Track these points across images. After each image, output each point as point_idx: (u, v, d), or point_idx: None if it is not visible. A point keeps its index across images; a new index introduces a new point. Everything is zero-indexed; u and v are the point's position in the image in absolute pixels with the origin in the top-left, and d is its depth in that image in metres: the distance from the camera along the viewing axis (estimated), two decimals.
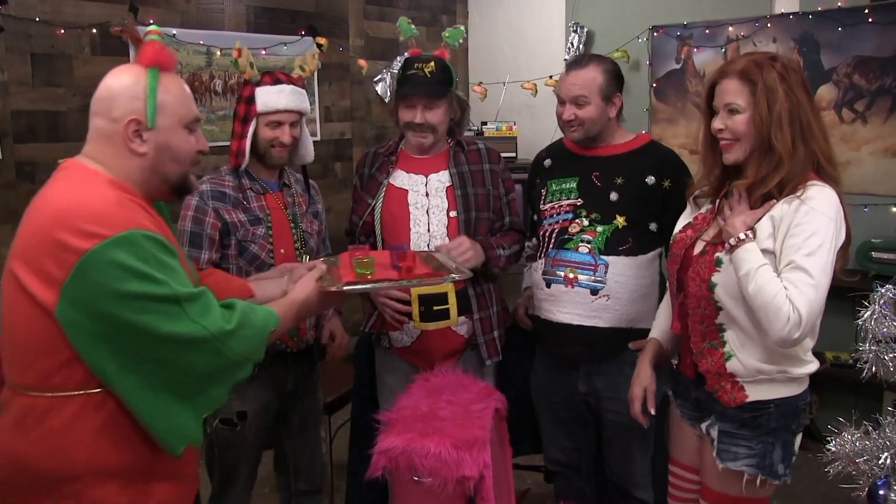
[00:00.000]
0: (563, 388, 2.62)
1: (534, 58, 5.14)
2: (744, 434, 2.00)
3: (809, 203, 1.86)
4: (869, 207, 3.86)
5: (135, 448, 1.62)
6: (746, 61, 1.98)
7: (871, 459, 2.18)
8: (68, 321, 1.51)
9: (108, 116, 1.64)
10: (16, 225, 1.65)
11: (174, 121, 1.67)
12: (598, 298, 2.45)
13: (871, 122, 3.88)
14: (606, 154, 2.54)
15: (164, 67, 1.68)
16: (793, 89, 1.92)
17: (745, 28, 4.20)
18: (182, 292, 1.54)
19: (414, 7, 5.25)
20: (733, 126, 1.97)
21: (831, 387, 3.95)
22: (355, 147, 4.91)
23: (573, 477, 2.74)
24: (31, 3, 3.42)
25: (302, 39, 4.46)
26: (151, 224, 1.59)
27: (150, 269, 1.51)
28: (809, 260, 1.83)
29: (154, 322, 1.51)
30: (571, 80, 2.47)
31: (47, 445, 1.56)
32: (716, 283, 1.96)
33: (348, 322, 4.98)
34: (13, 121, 3.41)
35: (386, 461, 2.01)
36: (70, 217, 1.52)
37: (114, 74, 1.67)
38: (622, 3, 4.72)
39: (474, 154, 2.67)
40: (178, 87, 1.70)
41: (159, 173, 1.68)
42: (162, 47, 1.68)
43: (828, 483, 2.18)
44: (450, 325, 2.58)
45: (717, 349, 2.01)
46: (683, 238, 2.13)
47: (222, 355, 1.60)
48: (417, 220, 2.56)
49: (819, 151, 1.94)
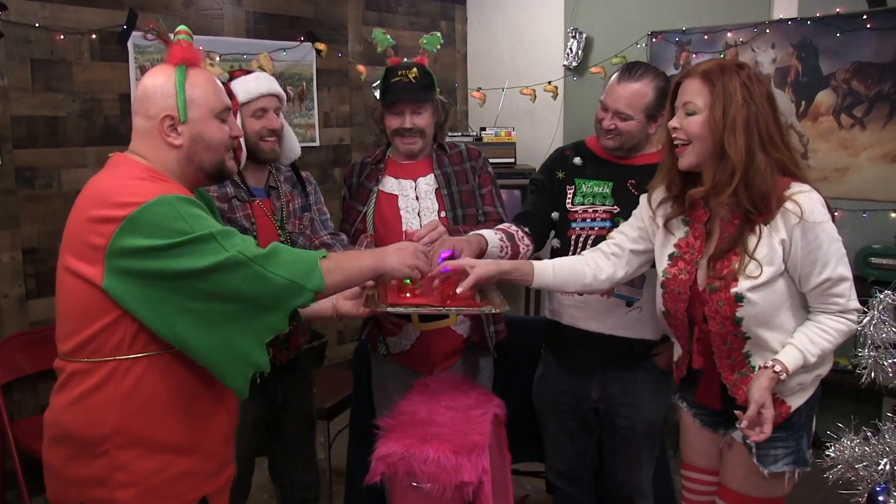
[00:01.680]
0: (573, 396, 2.58)
1: (533, 63, 5.15)
2: (780, 436, 2.02)
3: (811, 218, 1.88)
4: (868, 213, 3.86)
5: (159, 417, 1.73)
6: (712, 63, 1.97)
7: (870, 465, 2.17)
8: (117, 287, 1.64)
9: (145, 114, 1.78)
10: (15, 230, 1.68)
11: (204, 112, 1.80)
12: (632, 310, 2.43)
13: (869, 128, 3.88)
14: (643, 163, 2.45)
15: (191, 64, 1.80)
16: (754, 98, 1.90)
17: (743, 34, 4.21)
18: (216, 228, 1.66)
19: (413, 13, 5.26)
20: (687, 126, 1.96)
21: (830, 392, 3.92)
22: (354, 152, 4.91)
23: (573, 490, 2.72)
24: (30, 8, 3.43)
25: (301, 45, 4.47)
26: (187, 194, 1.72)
27: (183, 223, 1.63)
28: (840, 268, 1.92)
29: (193, 261, 1.62)
30: (620, 91, 2.36)
31: (80, 406, 1.71)
32: (742, 317, 1.95)
33: (347, 327, 4.99)
34: (13, 126, 3.42)
35: (385, 467, 2.00)
36: (105, 195, 1.67)
37: (148, 75, 1.80)
38: (621, 9, 4.73)
39: (457, 156, 2.70)
40: (205, 81, 1.82)
41: (195, 162, 1.81)
42: (188, 45, 1.80)
43: (827, 489, 2.17)
44: (449, 325, 2.58)
45: (748, 377, 2.00)
46: (678, 273, 2.08)
47: (265, 279, 1.66)
48: (409, 223, 2.58)
49: (785, 160, 1.94)
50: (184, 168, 1.81)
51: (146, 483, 1.73)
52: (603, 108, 2.43)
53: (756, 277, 1.92)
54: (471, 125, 5.49)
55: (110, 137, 3.70)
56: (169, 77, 1.78)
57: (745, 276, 1.93)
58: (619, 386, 2.51)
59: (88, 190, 1.74)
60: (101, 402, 1.70)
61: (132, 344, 1.69)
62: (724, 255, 1.97)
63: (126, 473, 1.71)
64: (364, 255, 1.90)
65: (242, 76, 2.46)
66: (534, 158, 4.96)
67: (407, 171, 2.65)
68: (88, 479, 1.72)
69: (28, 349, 3.43)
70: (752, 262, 1.93)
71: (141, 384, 1.70)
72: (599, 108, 2.45)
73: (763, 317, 1.95)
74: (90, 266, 1.66)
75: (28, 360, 3.41)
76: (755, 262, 1.92)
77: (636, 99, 2.35)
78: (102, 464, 1.71)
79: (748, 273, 1.93)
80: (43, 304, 3.54)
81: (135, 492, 1.72)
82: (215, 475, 1.87)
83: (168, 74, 1.78)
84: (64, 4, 3.53)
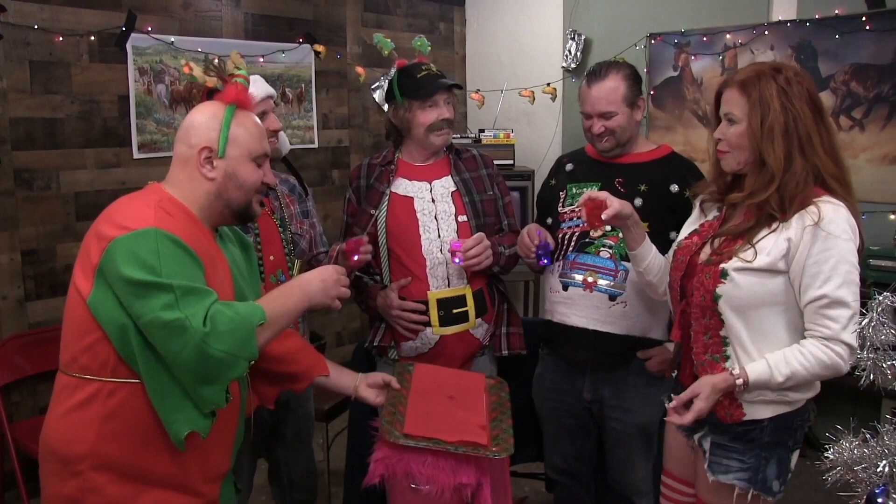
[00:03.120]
0: (569, 395, 2.61)
1: (531, 65, 5.16)
2: (736, 447, 1.99)
3: (827, 228, 1.85)
4: (866, 215, 3.84)
5: (136, 446, 1.72)
6: (749, 71, 1.98)
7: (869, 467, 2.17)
8: (96, 304, 1.67)
9: (187, 143, 1.83)
10: (14, 231, 1.71)
11: (243, 153, 1.84)
12: (615, 304, 2.45)
13: (868, 130, 3.88)
14: (630, 161, 2.54)
15: (241, 106, 1.87)
16: (793, 102, 1.91)
17: (742, 35, 4.21)
18: (182, 283, 1.63)
19: (411, 15, 5.26)
20: (729, 136, 1.99)
21: (829, 394, 3.92)
22: (353, 154, 4.91)
23: (573, 486, 2.74)
24: (29, 10, 3.43)
25: (300, 47, 4.47)
26: (183, 233, 1.71)
27: (156, 262, 1.63)
28: (843, 291, 1.86)
29: (144, 309, 1.62)
30: (595, 94, 2.46)
31: (64, 421, 1.74)
32: (720, 294, 1.95)
33: (346, 329, 4.99)
34: (11, 128, 3.41)
35: (383, 468, 2.00)
36: (113, 214, 1.74)
37: (199, 108, 1.87)
38: (620, 11, 4.73)
39: (471, 161, 2.70)
40: (251, 124, 1.88)
41: (223, 199, 1.85)
42: (243, 88, 1.89)
43: (825, 491, 2.17)
44: (468, 329, 2.58)
45: (718, 363, 2.00)
46: (689, 244, 2.12)
47: (205, 354, 1.62)
48: (427, 226, 2.56)
49: (822, 168, 1.92)
50: (212, 202, 1.84)
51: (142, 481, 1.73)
52: (587, 117, 2.51)
53: (748, 262, 1.91)
54: (470, 127, 5.49)
55: (109, 139, 3.70)
56: (217, 113, 1.84)
57: (739, 257, 1.94)
58: (610, 389, 2.53)
59: (109, 206, 1.79)
60: (82, 421, 1.71)
61: (116, 368, 1.70)
62: (731, 238, 1.99)
63: (98, 496, 1.72)
64: (291, 297, 1.85)
65: None
66: (532, 160, 4.97)
67: (421, 172, 2.63)
68: (63, 498, 1.74)
69: (27, 350, 3.43)
70: (751, 249, 1.93)
71: (122, 409, 1.71)
72: (583, 118, 2.53)
73: (741, 304, 1.93)
74: (85, 280, 1.70)
75: (27, 361, 3.40)
76: (753, 249, 1.93)
77: (612, 94, 2.45)
78: (76, 484, 1.72)
79: (743, 256, 1.93)
80: (42, 305, 3.54)
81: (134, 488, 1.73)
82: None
83: (216, 109, 1.84)
84: (63, 6, 3.52)
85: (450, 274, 2.54)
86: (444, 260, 2.54)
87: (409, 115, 2.56)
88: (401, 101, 2.56)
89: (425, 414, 2.11)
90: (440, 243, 2.55)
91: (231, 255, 1.95)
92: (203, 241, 1.81)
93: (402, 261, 2.57)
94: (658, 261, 2.27)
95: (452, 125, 2.60)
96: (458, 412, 2.13)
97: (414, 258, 2.55)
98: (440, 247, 2.54)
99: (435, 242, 2.55)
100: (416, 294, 2.54)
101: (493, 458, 2.01)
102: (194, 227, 1.80)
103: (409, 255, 2.55)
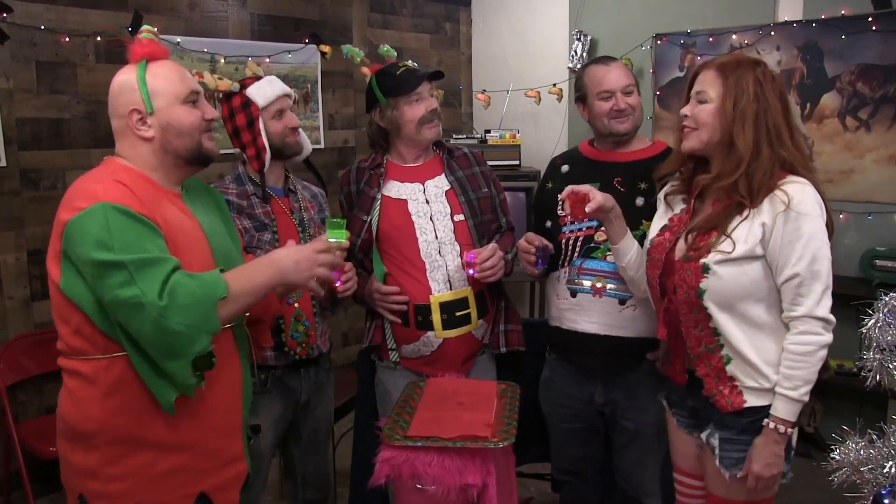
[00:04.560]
0: (578, 401, 2.59)
1: (537, 66, 5.15)
2: (745, 439, 1.99)
3: (797, 208, 1.88)
4: (872, 215, 3.86)
5: (141, 415, 1.76)
6: (729, 57, 2.04)
7: (875, 468, 2.16)
8: (68, 288, 1.71)
9: (116, 114, 1.84)
10: (20, 231, 1.73)
11: (170, 100, 1.83)
12: (625, 308, 2.43)
13: (874, 130, 3.87)
14: (627, 160, 2.51)
15: (151, 58, 1.85)
16: (766, 94, 1.95)
17: (748, 36, 4.20)
18: (132, 257, 1.63)
19: (417, 15, 5.26)
20: (697, 114, 2.02)
21: (835, 395, 3.94)
22: (359, 154, 4.91)
23: (580, 486, 2.73)
24: (36, 11, 3.44)
25: (306, 47, 4.48)
26: (140, 200, 1.72)
27: (107, 236, 1.64)
28: (815, 267, 1.89)
29: (105, 287, 1.64)
30: (615, 71, 2.48)
31: (72, 401, 1.79)
32: (704, 289, 1.96)
33: (351, 330, 4.99)
34: (18, 128, 3.42)
35: (389, 469, 2.00)
36: (69, 198, 1.74)
37: (115, 77, 1.87)
38: (626, 11, 4.73)
39: (463, 159, 2.68)
40: (167, 70, 1.85)
41: (170, 151, 1.84)
42: (149, 41, 1.86)
43: (831, 492, 2.17)
44: (471, 331, 2.56)
45: (714, 353, 2.01)
46: (662, 241, 2.12)
47: (164, 328, 1.62)
48: (423, 228, 2.53)
49: (790, 157, 1.95)
50: (161, 159, 1.84)
51: (137, 477, 1.76)
52: (606, 97, 2.47)
53: (728, 253, 1.93)
54: (475, 127, 5.49)
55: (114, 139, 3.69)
56: (131, 74, 1.83)
57: (717, 250, 1.95)
58: (622, 390, 2.52)
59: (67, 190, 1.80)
60: (86, 400, 1.76)
61: (106, 344, 1.73)
62: (704, 231, 2.00)
63: (117, 467, 1.76)
64: (259, 273, 1.81)
65: (255, 82, 2.50)
66: (538, 161, 4.96)
67: (413, 174, 2.60)
68: (85, 470, 1.78)
69: (33, 350, 3.44)
70: (728, 240, 1.94)
71: (122, 383, 1.74)
72: (599, 103, 2.48)
73: (726, 296, 1.95)
74: (55, 267, 1.74)
75: (33, 361, 3.41)
76: (730, 240, 1.94)
77: (628, 72, 2.50)
78: (96, 456, 1.76)
79: (721, 248, 1.94)
80: (48, 305, 3.48)
81: (127, 485, 1.76)
82: (216, 471, 1.88)
83: (130, 71, 1.84)
84: (69, 6, 3.53)
85: (451, 276, 2.52)
86: (443, 262, 2.51)
87: (396, 113, 2.52)
88: (385, 102, 2.54)
89: (430, 419, 2.12)
90: (438, 245, 2.52)
91: (204, 212, 1.95)
92: (165, 202, 1.81)
93: (401, 265, 2.54)
94: (640, 257, 2.27)
95: (440, 116, 2.58)
96: (465, 414, 2.14)
97: (412, 262, 2.52)
98: (438, 248, 2.52)
99: (433, 244, 2.52)
100: (417, 298, 2.51)
101: (493, 448, 2.00)
102: (154, 191, 1.80)
103: (406, 259, 2.53)
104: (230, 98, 2.50)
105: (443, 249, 2.52)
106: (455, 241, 2.54)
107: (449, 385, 2.37)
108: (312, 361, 2.56)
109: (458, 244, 2.54)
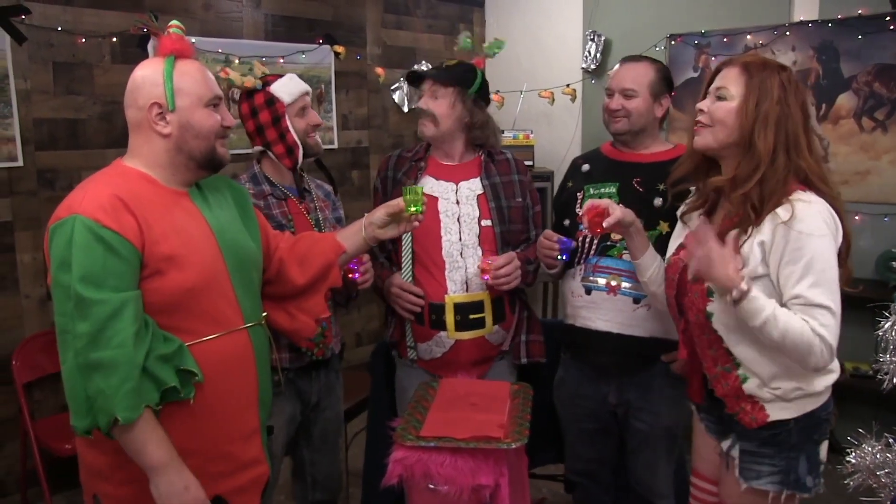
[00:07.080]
0: (592, 401, 2.59)
1: (551, 66, 5.14)
2: (766, 452, 1.96)
3: (797, 227, 1.80)
4: (889, 217, 3.83)
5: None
6: (755, 57, 1.99)
7: (892, 472, 2.15)
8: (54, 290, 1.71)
9: (135, 105, 1.82)
10: (38, 231, 1.75)
11: (193, 100, 1.82)
12: (639, 307, 2.43)
13: (891, 131, 3.84)
14: (647, 161, 2.52)
15: (180, 55, 1.84)
16: (788, 101, 1.88)
17: (763, 36, 4.18)
18: (80, 293, 1.62)
19: (431, 16, 5.27)
20: (714, 110, 1.95)
21: (851, 398, 3.91)
22: (372, 155, 4.92)
23: (593, 487, 2.73)
24: (52, 12, 3.46)
25: (320, 48, 4.49)
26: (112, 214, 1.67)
27: (67, 254, 1.64)
28: (818, 290, 1.80)
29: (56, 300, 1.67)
30: (623, 72, 2.50)
31: None
32: (711, 312, 1.94)
33: (364, 330, 5.00)
34: (35, 129, 3.45)
35: (402, 469, 2.01)
36: (62, 203, 1.75)
37: (138, 68, 1.85)
38: (640, 12, 4.71)
39: (504, 164, 2.67)
40: (194, 70, 1.84)
41: (184, 151, 1.83)
42: (179, 37, 1.84)
43: (847, 496, 2.16)
44: (485, 335, 2.57)
45: (730, 372, 1.97)
46: (676, 261, 2.09)
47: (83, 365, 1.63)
48: (448, 228, 2.54)
49: (807, 167, 1.88)
50: (173, 158, 1.83)
51: (143, 482, 1.74)
52: (609, 94, 2.52)
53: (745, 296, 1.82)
54: None
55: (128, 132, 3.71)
56: (157, 67, 1.81)
57: None
58: (636, 392, 2.51)
59: None
60: None
61: None
62: None
63: (125, 471, 1.75)
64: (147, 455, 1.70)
65: (278, 80, 2.48)
66: (552, 161, 4.95)
67: (449, 173, 2.61)
68: (98, 471, 1.79)
69: (49, 349, 3.44)
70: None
71: None
72: (606, 95, 2.53)
73: (730, 319, 1.90)
74: (49, 268, 1.74)
75: (49, 359, 3.43)
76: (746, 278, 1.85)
77: (640, 76, 2.47)
78: (107, 458, 1.77)
79: None
80: None
81: (137, 489, 1.74)
82: (231, 475, 1.87)
83: (157, 65, 1.82)
84: (85, 8, 3.56)
85: (468, 278, 2.53)
86: (463, 264, 2.52)
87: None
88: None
89: (443, 420, 2.12)
90: (461, 246, 2.53)
91: (217, 209, 1.93)
92: (167, 204, 1.80)
93: (422, 260, 2.56)
94: (662, 273, 2.23)
95: (437, 122, 2.55)
96: (477, 415, 2.14)
97: (433, 259, 2.54)
98: (461, 250, 2.53)
99: (455, 245, 2.53)
100: (433, 296, 2.53)
101: (506, 448, 2.00)
102: (154, 194, 1.79)
103: (428, 256, 2.54)
104: (251, 95, 2.48)
105: (465, 252, 2.53)
106: (478, 246, 2.54)
107: (462, 386, 2.38)
108: (324, 363, 2.57)
109: (481, 248, 2.54)
